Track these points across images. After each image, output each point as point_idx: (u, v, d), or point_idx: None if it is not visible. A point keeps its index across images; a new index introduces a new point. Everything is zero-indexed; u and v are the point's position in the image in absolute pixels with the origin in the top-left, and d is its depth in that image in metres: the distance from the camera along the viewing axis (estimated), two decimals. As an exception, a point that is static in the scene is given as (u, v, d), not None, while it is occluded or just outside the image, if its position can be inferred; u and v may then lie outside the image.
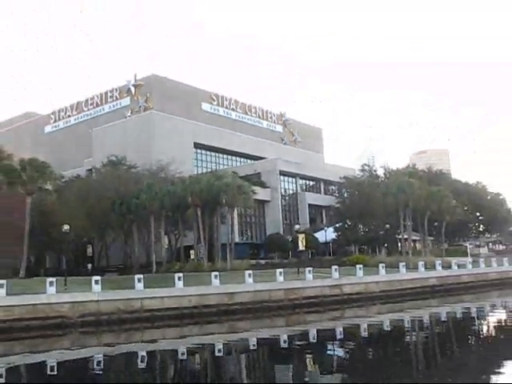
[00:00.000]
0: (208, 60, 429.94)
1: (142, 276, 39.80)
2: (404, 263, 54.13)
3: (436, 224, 75.47)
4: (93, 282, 37.90)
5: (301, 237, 52.29)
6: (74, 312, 35.66)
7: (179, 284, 40.09)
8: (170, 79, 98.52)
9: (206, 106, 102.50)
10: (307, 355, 27.13)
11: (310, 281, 45.34)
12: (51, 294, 36.04)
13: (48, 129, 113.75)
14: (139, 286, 38.85)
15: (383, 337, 32.66)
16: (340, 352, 28.00)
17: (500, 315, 42.55)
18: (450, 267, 58.75)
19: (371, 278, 49.32)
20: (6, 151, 55.01)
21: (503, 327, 35.57)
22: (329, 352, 28.07)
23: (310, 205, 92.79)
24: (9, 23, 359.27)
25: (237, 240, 78.51)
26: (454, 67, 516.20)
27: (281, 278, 44.00)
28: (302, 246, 52.27)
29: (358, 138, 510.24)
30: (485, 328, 35.85)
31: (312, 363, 25.43)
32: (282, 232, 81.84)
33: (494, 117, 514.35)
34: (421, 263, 55.35)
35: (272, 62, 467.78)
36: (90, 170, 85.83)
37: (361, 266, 49.98)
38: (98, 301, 36.65)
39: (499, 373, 21.00)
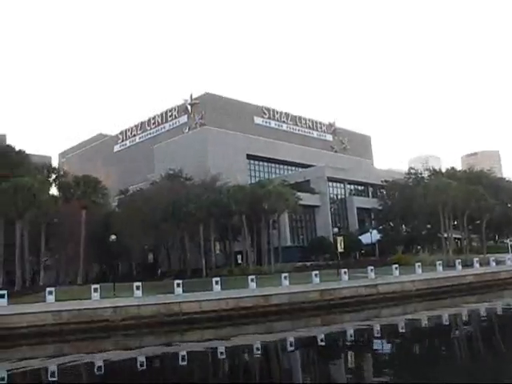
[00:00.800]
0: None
1: (180, 281, 39.42)
2: (441, 261, 51.89)
3: (478, 222, 72.31)
4: (134, 287, 37.75)
5: (339, 239, 51.01)
6: (116, 316, 35.67)
7: (217, 288, 39.45)
8: (223, 96, 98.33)
9: (257, 120, 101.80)
10: (349, 353, 26.38)
11: (346, 281, 43.98)
12: (95, 300, 36.09)
13: (116, 148, 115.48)
14: (178, 290, 38.41)
15: (422, 334, 31.39)
16: (381, 349, 26.96)
17: None
18: (488, 264, 55.96)
19: (407, 277, 47.37)
20: (62, 170, 55.79)
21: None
22: (370, 349, 26.90)
23: (358, 208, 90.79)
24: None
25: (288, 244, 77.87)
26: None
27: (317, 280, 42.79)
28: (340, 248, 50.89)
29: (412, 140, 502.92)
30: None
31: (354, 361, 24.54)
32: (331, 235, 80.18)
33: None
34: (458, 261, 52.92)
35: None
36: (153, 183, 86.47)
37: (397, 265, 48.13)
38: (138, 305, 36.47)
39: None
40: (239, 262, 62.49)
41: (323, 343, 29.47)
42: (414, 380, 19.25)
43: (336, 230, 56.85)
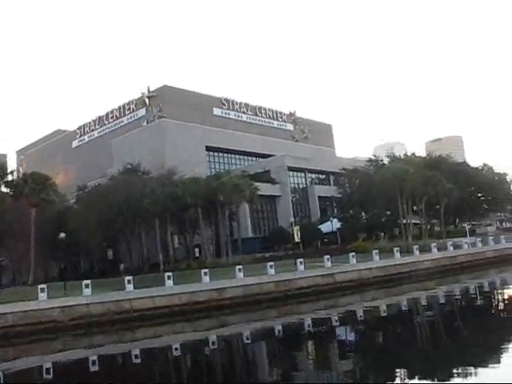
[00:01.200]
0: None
1: (131, 277, 38.58)
2: (398, 248, 51.71)
3: (438, 207, 72.65)
4: (83, 285, 36.70)
5: (295, 229, 50.65)
6: (64, 316, 34.47)
7: (169, 283, 38.59)
8: (181, 88, 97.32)
9: (217, 111, 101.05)
10: (308, 343, 26.20)
11: (302, 271, 43.36)
12: (41, 301, 34.92)
13: (75, 143, 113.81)
14: (129, 287, 37.47)
15: (381, 321, 31.08)
16: (341, 338, 26.65)
17: (499, 292, 40.63)
18: (446, 249, 56.06)
19: (364, 265, 46.93)
20: (7, 167, 54.41)
21: (504, 304, 33.93)
22: (329, 339, 26.69)
23: (320, 197, 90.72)
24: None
25: (250, 235, 77.39)
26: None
27: (272, 271, 42.11)
28: (297, 238, 50.55)
29: (379, 128, 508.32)
30: (483, 306, 33.59)
31: (314, 351, 24.20)
32: (293, 225, 79.93)
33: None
34: (415, 247, 52.84)
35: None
36: (111, 178, 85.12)
37: (353, 253, 47.81)
38: (87, 304, 35.39)
39: (501, 352, 19.41)
40: (197, 255, 61.84)
41: (281, 334, 29.10)
42: (379, 368, 19.13)
43: (293, 220, 56.11)
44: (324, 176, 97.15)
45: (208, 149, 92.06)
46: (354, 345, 24.66)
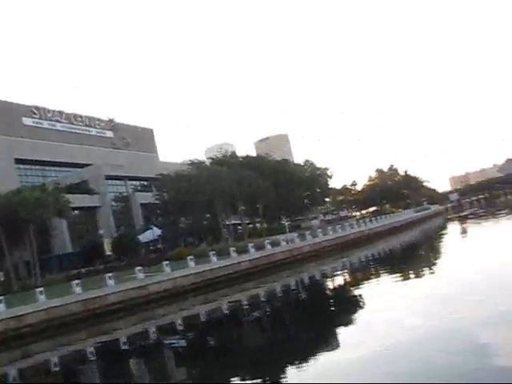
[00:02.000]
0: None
1: None
2: (214, 252, 51.01)
3: (258, 206, 73.47)
4: None
5: (106, 241, 48.14)
6: None
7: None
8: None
9: (27, 121, 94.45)
10: (127, 361, 24.75)
11: (112, 286, 40.85)
12: None
13: None
14: None
15: (202, 327, 30.43)
16: (164, 350, 25.51)
17: (319, 284, 41.74)
18: (264, 248, 56.38)
19: (180, 273, 45.43)
20: None
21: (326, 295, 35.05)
22: (151, 352, 24.92)
23: (143, 204, 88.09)
24: None
25: (70, 250, 73.20)
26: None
27: (78, 290, 39.17)
28: (108, 251, 48.09)
29: (211, 130, 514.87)
30: (306, 300, 34.17)
31: (134, 369, 22.89)
32: (103, 238, 76.55)
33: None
34: (232, 249, 52.52)
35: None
36: None
37: (167, 262, 46.36)
38: None
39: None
40: (2, 279, 56.85)
41: (94, 356, 26.99)
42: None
43: (102, 232, 53.31)
44: (146, 183, 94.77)
45: (18, 161, 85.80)
46: (177, 354, 24.03)
